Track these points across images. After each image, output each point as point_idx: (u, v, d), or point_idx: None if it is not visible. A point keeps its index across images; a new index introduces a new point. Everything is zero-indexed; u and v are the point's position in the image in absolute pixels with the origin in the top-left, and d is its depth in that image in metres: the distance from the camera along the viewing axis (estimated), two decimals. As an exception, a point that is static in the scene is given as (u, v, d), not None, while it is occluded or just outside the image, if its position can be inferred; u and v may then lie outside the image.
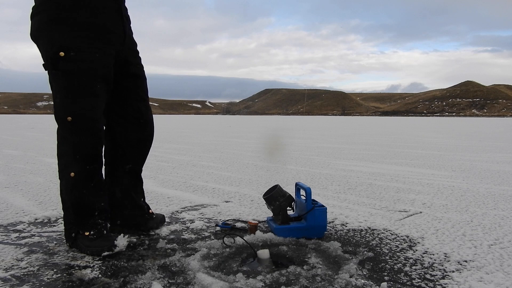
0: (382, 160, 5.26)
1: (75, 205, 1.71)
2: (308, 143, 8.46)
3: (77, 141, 1.67)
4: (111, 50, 1.72)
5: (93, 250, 1.67)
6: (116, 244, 1.68)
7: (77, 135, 1.66)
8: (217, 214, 2.41)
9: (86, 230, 1.72)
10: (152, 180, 3.61)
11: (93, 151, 1.69)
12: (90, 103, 1.66)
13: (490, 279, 1.45)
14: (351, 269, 1.52)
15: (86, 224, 1.72)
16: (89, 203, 1.71)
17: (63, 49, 1.60)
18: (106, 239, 1.71)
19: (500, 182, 3.58)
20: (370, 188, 3.27)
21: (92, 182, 1.72)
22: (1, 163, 4.79)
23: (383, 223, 2.22)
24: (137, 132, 1.93)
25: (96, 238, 1.70)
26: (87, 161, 1.68)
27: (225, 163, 4.92)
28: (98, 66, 1.67)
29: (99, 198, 1.75)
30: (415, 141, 9.08)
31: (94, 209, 1.73)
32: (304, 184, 2.03)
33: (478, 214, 2.41)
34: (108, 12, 1.71)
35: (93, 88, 1.66)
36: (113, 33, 1.72)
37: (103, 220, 1.76)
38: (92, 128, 1.68)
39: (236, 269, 1.53)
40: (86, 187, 1.70)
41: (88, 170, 1.69)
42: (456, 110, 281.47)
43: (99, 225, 1.73)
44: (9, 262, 1.61)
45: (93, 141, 1.69)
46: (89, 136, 1.67)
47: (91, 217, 1.72)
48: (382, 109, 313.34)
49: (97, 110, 1.69)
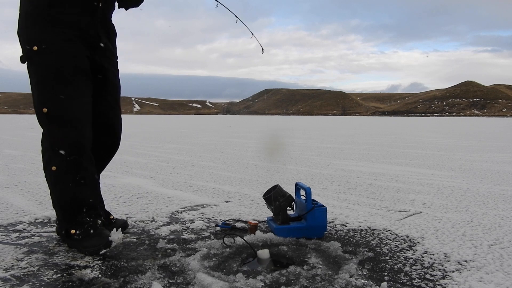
0: (382, 160, 5.26)
1: (60, 201, 1.70)
2: (308, 143, 8.46)
3: (55, 133, 1.66)
4: (83, 46, 1.72)
5: (89, 250, 1.66)
6: (111, 240, 1.67)
7: (54, 127, 1.65)
8: (217, 214, 2.41)
9: (72, 227, 1.69)
10: (152, 180, 3.61)
11: (71, 141, 1.66)
12: (65, 93, 1.65)
13: (490, 279, 1.45)
14: (351, 269, 1.52)
15: (72, 221, 1.69)
16: (75, 198, 1.68)
17: (36, 42, 1.63)
18: (99, 236, 1.69)
19: (500, 182, 3.58)
20: (370, 188, 3.27)
21: (77, 175, 1.67)
22: (1, 163, 4.79)
23: (383, 223, 2.22)
24: (102, 138, 1.91)
25: (84, 237, 1.68)
26: (67, 152, 1.65)
27: (225, 163, 4.92)
28: (70, 58, 1.67)
29: (87, 194, 1.71)
30: (415, 141, 9.08)
31: (81, 205, 1.69)
32: (304, 184, 2.03)
33: (478, 214, 2.41)
34: (82, 13, 1.71)
35: (66, 78, 1.66)
36: (85, 32, 1.72)
37: (91, 218, 1.71)
38: (69, 118, 1.66)
39: (236, 269, 1.53)
40: (70, 180, 1.66)
41: (69, 162, 1.65)
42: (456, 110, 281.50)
43: (86, 223, 1.69)
44: (9, 262, 1.60)
45: (71, 131, 1.66)
46: (65, 126, 1.65)
47: (78, 214, 1.69)
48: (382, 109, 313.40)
49: (73, 100, 1.67)
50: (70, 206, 1.69)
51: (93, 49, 1.77)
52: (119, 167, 4.43)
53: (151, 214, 2.38)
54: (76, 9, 1.69)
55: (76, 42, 1.69)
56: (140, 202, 2.71)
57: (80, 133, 1.68)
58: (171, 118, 52.08)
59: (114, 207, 2.53)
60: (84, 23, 1.72)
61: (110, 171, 4.08)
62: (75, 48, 1.69)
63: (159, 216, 2.33)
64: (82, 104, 1.70)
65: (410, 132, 13.83)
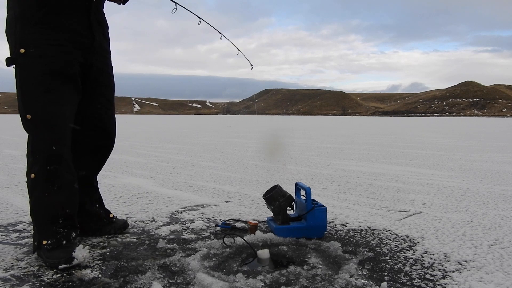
0: (382, 160, 5.26)
1: (36, 210, 1.62)
2: (308, 143, 8.45)
3: (36, 139, 1.60)
4: (75, 49, 1.67)
5: (50, 262, 1.55)
6: (74, 256, 1.54)
7: (36, 133, 1.60)
8: (217, 214, 2.41)
9: (45, 238, 1.59)
10: (152, 180, 3.61)
11: (53, 150, 1.58)
12: (49, 99, 1.59)
13: (490, 279, 1.45)
14: (351, 269, 1.52)
15: (46, 232, 1.60)
16: (51, 208, 1.60)
17: (23, 45, 1.58)
18: (64, 250, 1.57)
19: (500, 182, 3.58)
20: (370, 188, 3.27)
21: (55, 184, 1.60)
22: (1, 163, 4.79)
23: (383, 223, 2.22)
24: (96, 140, 1.89)
25: (53, 249, 1.58)
26: (48, 161, 1.58)
27: (225, 163, 4.92)
28: (57, 62, 1.61)
29: (64, 204, 1.63)
30: (415, 141, 9.08)
31: (57, 216, 1.61)
32: (304, 184, 2.03)
33: (478, 214, 2.41)
34: (74, 13, 1.66)
35: (51, 84, 1.59)
36: (77, 34, 1.68)
37: (66, 229, 1.63)
38: (52, 125, 1.59)
39: (236, 269, 1.53)
40: (48, 190, 1.59)
41: (48, 171, 1.58)
42: (456, 110, 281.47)
43: (59, 234, 1.61)
44: (9, 262, 1.60)
45: (53, 139, 1.59)
46: (47, 133, 1.59)
47: (53, 225, 1.60)
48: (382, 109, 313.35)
49: (57, 107, 1.61)
50: (45, 216, 1.61)
51: (86, 50, 1.72)
52: (119, 167, 4.43)
53: (151, 214, 2.38)
54: (67, 10, 1.64)
55: (67, 45, 1.64)
56: (140, 202, 2.71)
57: (61, 141, 1.62)
58: (171, 118, 52.08)
59: (114, 207, 2.53)
60: (76, 24, 1.67)
61: (110, 171, 4.08)
62: (65, 52, 1.63)
63: (159, 216, 2.33)
64: (64, 111, 1.64)
65: (410, 132, 13.84)
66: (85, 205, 1.93)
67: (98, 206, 2.00)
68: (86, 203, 1.94)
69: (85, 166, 1.90)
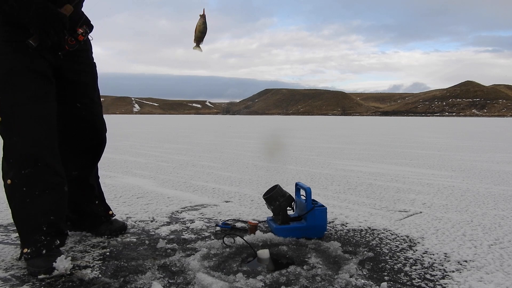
0: (382, 160, 5.26)
1: (16, 217, 1.55)
2: (308, 143, 8.45)
3: (8, 143, 1.50)
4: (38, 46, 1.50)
5: (30, 270, 1.49)
6: (55, 267, 1.46)
7: (7, 135, 1.51)
8: (217, 214, 2.41)
9: (25, 246, 1.52)
10: (152, 180, 3.61)
11: (26, 152, 1.49)
12: (17, 99, 1.49)
13: (490, 279, 1.45)
14: (351, 269, 1.52)
15: (27, 240, 1.53)
16: (32, 216, 1.52)
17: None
18: (45, 259, 1.49)
19: (500, 182, 3.58)
20: (370, 188, 3.27)
21: (36, 190, 1.51)
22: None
23: (383, 223, 2.22)
24: (86, 140, 1.84)
25: (31, 258, 1.50)
26: (21, 164, 1.49)
27: (225, 163, 4.92)
28: (22, 59, 1.50)
29: (47, 210, 1.53)
30: (415, 141, 9.08)
31: (39, 223, 1.52)
32: (304, 184, 2.03)
33: (478, 214, 2.41)
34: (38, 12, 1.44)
35: (17, 82, 1.49)
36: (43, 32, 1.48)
37: (49, 237, 1.54)
38: (23, 127, 1.49)
39: (236, 269, 1.53)
40: (28, 195, 1.51)
41: (24, 175, 1.49)
42: (456, 110, 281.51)
43: (40, 242, 1.52)
44: (9, 262, 1.61)
45: (24, 141, 1.49)
46: (18, 136, 1.49)
47: (34, 233, 1.52)
48: (382, 109, 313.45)
49: (27, 106, 1.50)
50: (25, 224, 1.54)
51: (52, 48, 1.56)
52: (119, 167, 4.43)
53: (151, 214, 2.38)
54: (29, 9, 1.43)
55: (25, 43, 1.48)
56: (140, 202, 2.71)
57: (35, 143, 1.51)
58: (171, 118, 52.09)
59: (114, 207, 2.53)
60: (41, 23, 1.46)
61: (110, 171, 4.08)
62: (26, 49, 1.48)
63: (159, 216, 2.33)
64: (37, 110, 1.52)
65: (410, 132, 13.83)
66: (81, 205, 1.91)
67: (98, 202, 1.98)
68: (82, 203, 1.92)
69: (78, 166, 1.87)
